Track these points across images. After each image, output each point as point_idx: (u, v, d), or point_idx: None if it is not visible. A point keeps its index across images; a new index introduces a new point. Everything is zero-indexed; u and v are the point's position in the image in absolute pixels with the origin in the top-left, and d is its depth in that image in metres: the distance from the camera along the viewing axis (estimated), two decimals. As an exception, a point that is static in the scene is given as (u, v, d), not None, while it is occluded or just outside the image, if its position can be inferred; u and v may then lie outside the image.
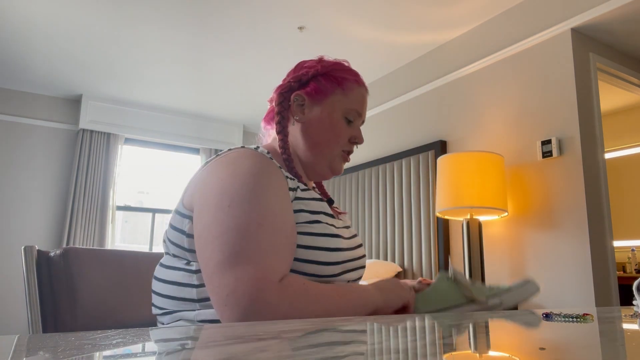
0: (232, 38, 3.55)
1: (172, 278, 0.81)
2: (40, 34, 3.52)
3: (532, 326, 0.58)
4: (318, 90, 0.93)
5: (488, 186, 2.59)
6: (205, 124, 5.41)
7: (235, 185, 0.76)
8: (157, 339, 0.42)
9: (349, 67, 0.97)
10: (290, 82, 0.95)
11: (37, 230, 4.53)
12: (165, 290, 0.81)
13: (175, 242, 0.82)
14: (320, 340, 0.41)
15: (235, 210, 0.73)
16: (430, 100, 3.59)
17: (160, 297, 0.82)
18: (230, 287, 0.67)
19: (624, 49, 2.99)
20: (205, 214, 0.75)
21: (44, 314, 0.90)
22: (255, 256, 0.70)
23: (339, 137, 0.93)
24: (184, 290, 0.79)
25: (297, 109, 0.94)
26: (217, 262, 0.70)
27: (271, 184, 0.78)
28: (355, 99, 0.95)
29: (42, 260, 0.94)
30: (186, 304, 0.78)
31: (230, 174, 0.78)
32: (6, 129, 4.52)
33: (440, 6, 3.07)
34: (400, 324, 0.55)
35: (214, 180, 0.78)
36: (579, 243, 2.49)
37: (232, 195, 0.75)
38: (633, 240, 4.53)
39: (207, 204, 0.76)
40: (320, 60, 0.97)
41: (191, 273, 0.79)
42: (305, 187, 0.88)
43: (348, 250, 0.87)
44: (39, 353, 0.34)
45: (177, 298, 0.79)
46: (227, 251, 0.70)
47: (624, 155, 4.74)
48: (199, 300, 0.77)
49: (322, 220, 0.83)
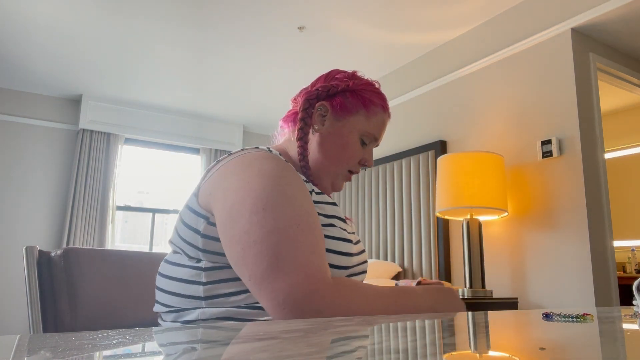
0: (232, 38, 3.55)
1: (179, 275, 0.80)
2: (40, 34, 3.52)
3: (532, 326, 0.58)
4: (343, 106, 0.93)
5: (488, 186, 2.59)
6: (205, 124, 5.41)
7: (266, 187, 0.75)
8: (157, 339, 0.42)
9: (379, 91, 0.96)
10: (319, 90, 0.94)
11: (37, 230, 4.53)
12: (170, 286, 0.81)
13: (189, 240, 0.80)
14: (320, 340, 0.41)
15: (273, 213, 0.72)
16: (430, 100, 3.59)
17: (165, 293, 0.82)
18: (285, 291, 0.67)
19: (624, 49, 2.99)
20: (240, 219, 0.73)
21: (44, 314, 0.90)
22: (302, 257, 0.70)
23: (350, 157, 0.94)
24: (190, 288, 0.78)
25: (318, 118, 0.94)
26: (265, 267, 0.69)
27: (298, 185, 0.79)
28: (376, 124, 0.95)
29: (43, 260, 0.94)
30: (192, 301, 0.78)
31: (256, 176, 0.76)
32: (6, 129, 4.52)
33: (440, 6, 3.07)
34: (400, 324, 0.55)
35: (237, 182, 0.77)
36: (579, 243, 2.49)
37: (266, 198, 0.74)
38: (633, 240, 4.53)
39: (238, 208, 0.74)
40: (353, 75, 0.97)
41: (200, 270, 0.78)
42: (319, 190, 0.89)
43: (356, 255, 0.87)
44: (39, 353, 0.34)
45: (182, 295, 0.79)
46: (273, 255, 0.70)
47: (624, 155, 4.74)
48: (205, 298, 0.77)
49: (336, 224, 0.84)
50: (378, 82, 0.98)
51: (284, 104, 4.78)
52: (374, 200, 3.87)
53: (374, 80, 0.98)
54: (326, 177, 0.94)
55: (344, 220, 0.89)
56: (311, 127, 0.94)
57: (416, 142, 3.65)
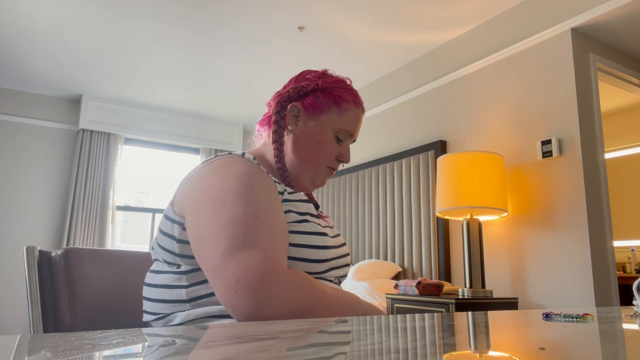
0: (232, 38, 3.55)
1: (162, 281, 0.81)
2: (40, 34, 3.52)
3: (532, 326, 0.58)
4: (314, 106, 0.94)
5: (488, 186, 2.59)
6: (205, 124, 5.41)
7: (227, 186, 0.77)
8: (157, 339, 0.42)
9: (350, 87, 0.97)
10: (290, 92, 0.96)
11: (37, 230, 4.53)
12: (155, 294, 0.82)
13: (166, 247, 0.82)
14: (320, 340, 0.41)
15: (231, 208, 0.74)
16: (430, 100, 3.59)
17: (151, 302, 0.83)
18: (238, 274, 0.67)
19: (624, 49, 2.99)
20: (200, 217, 0.75)
21: (44, 314, 0.91)
22: (259, 243, 0.70)
23: (326, 155, 0.95)
24: (174, 292, 0.79)
25: (292, 119, 0.95)
26: (219, 255, 0.69)
27: (262, 185, 0.80)
28: (349, 119, 0.95)
29: (44, 260, 0.94)
30: (177, 305, 0.79)
31: (221, 178, 0.78)
32: (6, 129, 4.52)
33: (440, 6, 3.07)
34: (400, 324, 0.55)
35: (204, 185, 0.79)
36: (579, 243, 2.48)
37: (225, 195, 0.75)
38: (633, 240, 4.53)
39: (200, 208, 0.76)
40: (323, 74, 0.98)
41: (180, 274, 0.79)
42: (291, 190, 0.91)
43: (334, 248, 0.89)
44: (39, 353, 0.34)
45: (167, 300, 0.80)
46: (229, 242, 0.70)
47: (624, 155, 4.74)
48: (189, 301, 0.78)
49: (309, 220, 0.86)
50: (349, 79, 0.99)
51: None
52: (374, 200, 3.87)
53: (345, 77, 0.99)
54: (305, 176, 0.95)
55: (317, 217, 0.91)
56: (285, 129, 0.95)
57: (416, 142, 3.65)
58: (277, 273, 0.68)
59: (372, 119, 4.17)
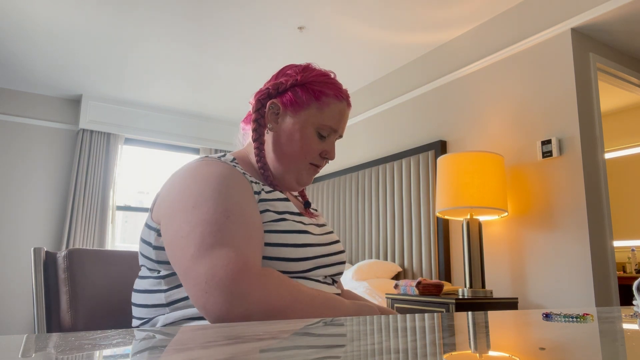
0: (232, 38, 3.55)
1: (144, 287, 0.82)
2: (40, 34, 3.52)
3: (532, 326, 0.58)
4: (293, 102, 0.91)
5: (488, 186, 2.59)
6: (205, 124, 5.41)
7: (199, 188, 0.76)
8: (157, 339, 0.42)
9: (332, 81, 0.93)
10: (269, 89, 0.93)
11: (37, 230, 4.53)
12: (140, 299, 0.82)
13: (145, 254, 0.83)
14: (320, 340, 0.41)
15: (201, 209, 0.73)
16: (430, 100, 3.59)
17: (136, 307, 0.84)
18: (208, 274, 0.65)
19: (624, 49, 2.99)
20: (173, 221, 0.74)
21: (48, 314, 0.91)
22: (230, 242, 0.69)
23: (307, 152, 0.91)
24: (154, 297, 0.80)
25: (272, 117, 0.92)
26: (190, 256, 0.68)
27: (234, 185, 0.78)
28: (331, 115, 0.92)
29: (49, 261, 0.95)
30: (157, 309, 0.79)
31: (193, 181, 0.78)
32: (6, 129, 4.52)
33: (440, 6, 3.07)
34: (400, 324, 0.55)
35: (176, 188, 0.79)
36: (579, 243, 2.48)
37: (195, 197, 0.74)
38: (633, 240, 4.53)
39: (173, 212, 0.76)
40: (304, 69, 0.94)
41: (159, 279, 0.80)
42: (270, 189, 0.88)
43: (319, 245, 0.86)
44: (39, 353, 0.34)
45: (149, 305, 0.80)
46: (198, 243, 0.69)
47: (624, 155, 4.74)
48: (168, 304, 0.78)
49: (287, 218, 0.84)
50: (333, 72, 0.95)
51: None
52: (374, 200, 3.87)
53: (328, 70, 0.95)
54: (288, 174, 0.93)
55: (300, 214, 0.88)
56: (265, 127, 0.93)
57: (416, 142, 3.65)
58: (247, 272, 0.66)
59: (372, 119, 4.17)
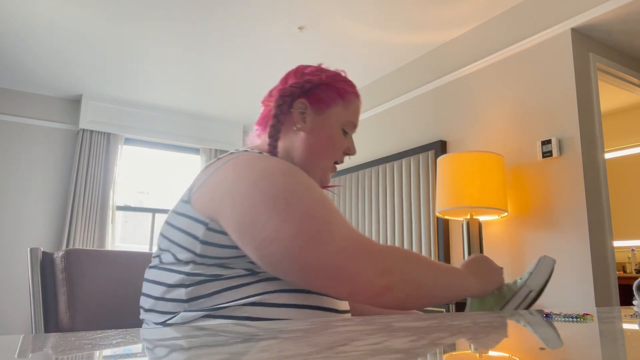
0: (232, 38, 3.55)
1: (164, 279, 0.79)
2: (40, 34, 3.52)
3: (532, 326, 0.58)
4: (321, 100, 0.94)
5: (488, 186, 2.59)
6: (205, 124, 5.41)
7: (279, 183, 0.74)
8: (156, 339, 0.42)
9: (348, 79, 0.99)
10: (293, 87, 0.93)
11: (37, 230, 4.53)
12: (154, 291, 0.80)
13: (184, 245, 0.79)
14: (320, 340, 0.41)
15: (298, 204, 0.73)
16: (430, 100, 3.59)
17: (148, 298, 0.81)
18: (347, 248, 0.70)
19: (624, 49, 2.99)
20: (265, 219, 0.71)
21: (46, 314, 0.91)
22: (344, 230, 0.73)
23: (336, 149, 0.95)
24: (174, 292, 0.78)
25: (299, 116, 0.93)
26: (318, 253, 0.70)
27: (304, 174, 0.81)
28: (353, 111, 0.97)
29: (47, 261, 0.94)
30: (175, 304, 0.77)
31: (264, 175, 0.75)
32: (6, 129, 4.52)
33: (440, 6, 3.07)
34: (400, 324, 0.55)
35: (245, 186, 0.75)
36: (579, 243, 2.49)
37: (285, 192, 0.73)
38: (633, 240, 4.53)
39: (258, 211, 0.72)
40: (322, 69, 0.98)
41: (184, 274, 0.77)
42: None
43: None
44: (39, 353, 0.34)
45: (166, 299, 0.78)
46: (309, 235, 0.71)
47: (624, 155, 4.74)
48: (187, 301, 0.76)
49: None
50: (344, 71, 1.00)
51: (284, 104, 4.77)
52: (374, 200, 3.87)
53: (340, 69, 1.00)
54: (315, 173, 0.94)
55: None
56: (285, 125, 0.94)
57: (416, 142, 3.65)
58: (369, 240, 0.73)
59: (372, 119, 4.17)
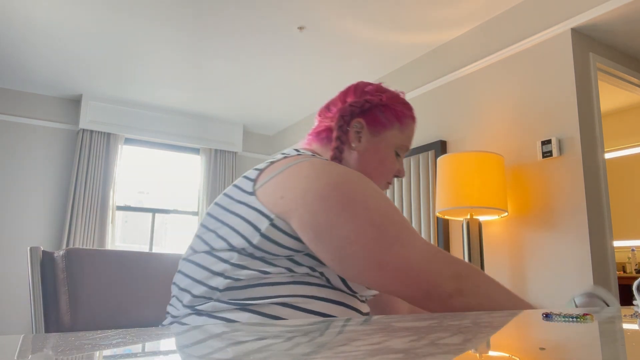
0: (232, 38, 3.55)
1: (209, 265, 0.79)
2: (40, 33, 3.52)
3: (532, 326, 0.58)
4: (378, 122, 0.93)
5: (488, 186, 2.59)
6: (205, 124, 5.41)
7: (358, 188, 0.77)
8: (156, 339, 0.42)
9: (406, 101, 0.98)
10: (353, 107, 0.93)
11: (37, 230, 4.53)
12: (197, 274, 0.80)
13: (242, 232, 0.79)
14: (320, 340, 0.41)
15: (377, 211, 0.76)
16: (430, 100, 3.59)
17: (187, 278, 0.81)
18: (455, 266, 0.75)
19: (624, 49, 2.99)
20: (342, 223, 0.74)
21: (46, 314, 0.91)
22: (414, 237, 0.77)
23: (388, 172, 0.95)
24: (214, 279, 0.78)
25: (354, 135, 0.93)
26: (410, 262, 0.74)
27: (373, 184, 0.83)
28: (409, 135, 0.97)
29: (47, 261, 0.94)
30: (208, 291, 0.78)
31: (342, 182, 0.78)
32: (6, 129, 4.52)
33: (440, 6, 3.07)
34: (400, 324, 0.55)
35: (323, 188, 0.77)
36: (579, 243, 2.48)
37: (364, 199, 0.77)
38: (633, 240, 4.53)
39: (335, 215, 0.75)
40: (383, 89, 0.97)
41: (230, 266, 0.77)
42: None
43: None
44: (39, 353, 0.34)
45: (203, 284, 0.78)
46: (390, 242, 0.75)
47: (624, 155, 4.74)
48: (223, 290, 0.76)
49: None
50: (403, 92, 0.99)
51: (284, 103, 4.77)
52: (374, 200, 3.87)
53: (400, 90, 1.00)
54: None
55: None
56: (346, 144, 0.93)
57: (416, 142, 3.65)
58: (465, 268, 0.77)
59: (372, 119, 4.17)
